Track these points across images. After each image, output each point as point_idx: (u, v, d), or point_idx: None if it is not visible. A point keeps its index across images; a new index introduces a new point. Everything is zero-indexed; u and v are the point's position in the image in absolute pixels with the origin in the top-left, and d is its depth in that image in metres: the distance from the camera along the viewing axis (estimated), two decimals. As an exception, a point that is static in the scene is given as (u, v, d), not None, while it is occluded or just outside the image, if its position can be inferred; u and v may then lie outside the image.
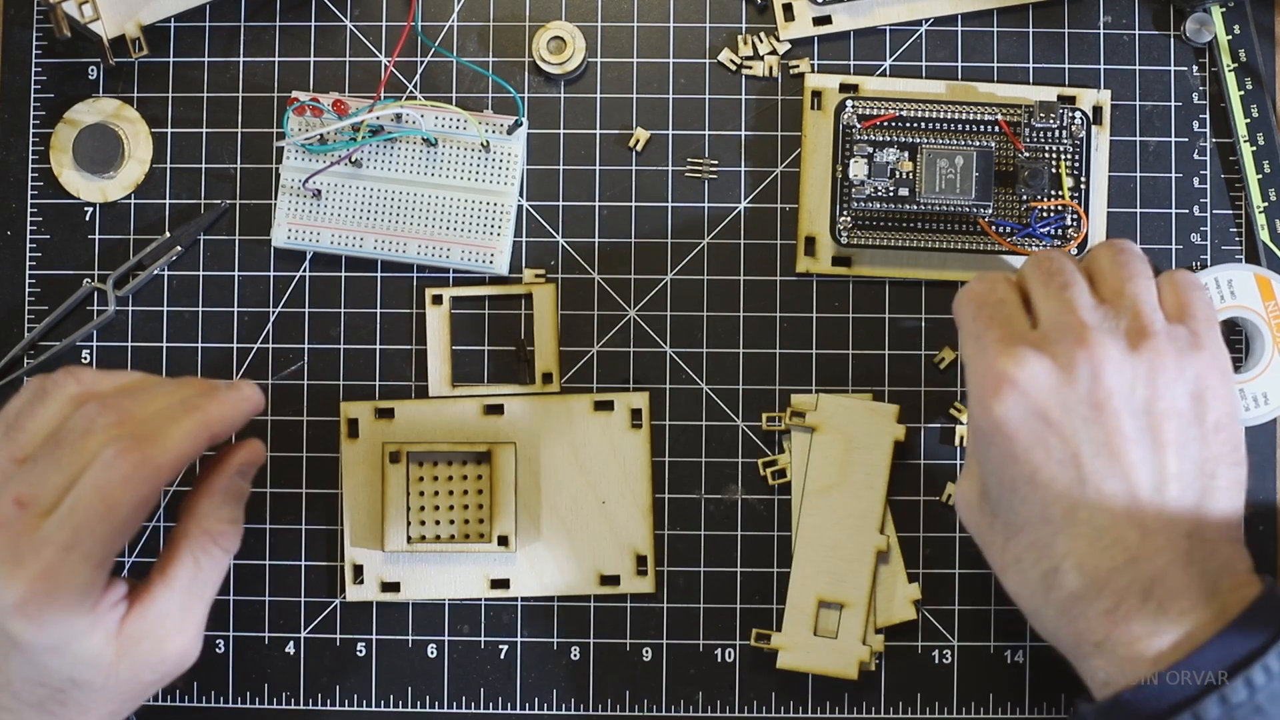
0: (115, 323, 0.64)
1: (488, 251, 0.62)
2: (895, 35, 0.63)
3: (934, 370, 0.63)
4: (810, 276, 0.63)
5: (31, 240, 0.64)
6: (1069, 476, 0.49)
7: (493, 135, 0.62)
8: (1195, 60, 0.63)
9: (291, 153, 0.62)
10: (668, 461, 0.63)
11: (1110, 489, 0.49)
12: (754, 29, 0.64)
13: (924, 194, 0.60)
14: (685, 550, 0.62)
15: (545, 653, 0.63)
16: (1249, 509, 0.62)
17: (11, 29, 0.64)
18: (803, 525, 0.61)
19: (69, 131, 0.63)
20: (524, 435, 0.62)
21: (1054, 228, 0.60)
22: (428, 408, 0.62)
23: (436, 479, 0.62)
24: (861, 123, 0.61)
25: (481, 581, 0.62)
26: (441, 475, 0.62)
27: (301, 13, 0.64)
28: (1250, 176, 0.62)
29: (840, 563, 0.61)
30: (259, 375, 0.63)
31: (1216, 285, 0.60)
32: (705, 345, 0.63)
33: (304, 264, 0.63)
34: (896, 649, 0.62)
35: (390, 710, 0.63)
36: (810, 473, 0.61)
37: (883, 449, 0.61)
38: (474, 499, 0.62)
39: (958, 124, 0.61)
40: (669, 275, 0.63)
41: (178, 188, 0.64)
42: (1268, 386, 0.60)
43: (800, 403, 0.62)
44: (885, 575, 0.62)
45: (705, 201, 0.63)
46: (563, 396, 0.63)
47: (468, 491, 0.62)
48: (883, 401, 0.62)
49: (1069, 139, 0.60)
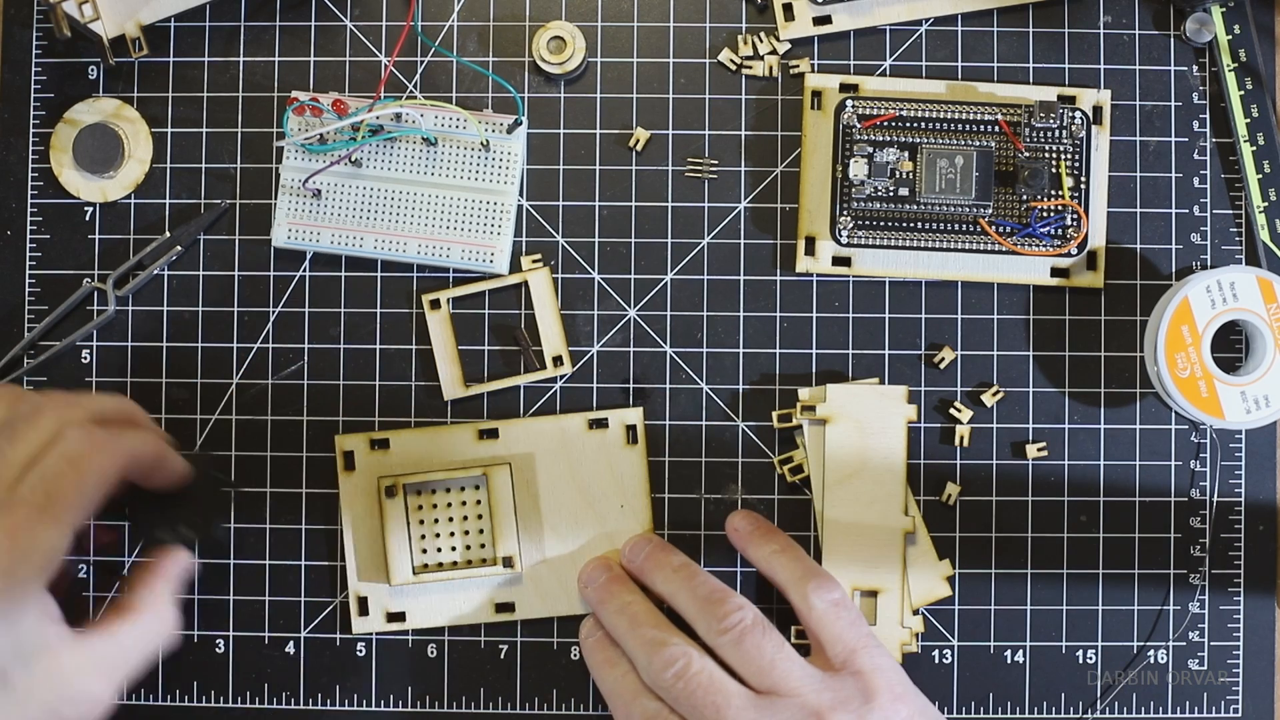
0: (115, 323, 0.64)
1: (488, 251, 0.62)
2: (895, 35, 0.63)
3: (934, 370, 0.63)
4: (810, 276, 0.63)
5: (31, 240, 0.64)
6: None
7: (492, 135, 0.62)
8: (1195, 60, 0.63)
9: (291, 152, 0.62)
10: (668, 461, 0.63)
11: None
12: (754, 29, 0.64)
13: (924, 194, 0.60)
14: (685, 550, 0.62)
15: (545, 653, 0.63)
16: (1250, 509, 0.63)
17: (11, 29, 0.64)
18: (827, 518, 0.61)
19: (69, 131, 0.63)
20: (520, 458, 0.62)
21: (1054, 227, 0.60)
22: (423, 436, 0.62)
23: (435, 506, 0.62)
24: (861, 122, 0.61)
25: (487, 607, 0.62)
26: (440, 503, 0.62)
27: (301, 13, 0.64)
28: (1250, 176, 0.62)
29: (869, 550, 0.61)
30: (259, 375, 0.63)
31: (1218, 287, 0.60)
32: (705, 345, 0.63)
33: (304, 264, 0.63)
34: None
35: (390, 710, 0.63)
36: (828, 464, 0.61)
37: (897, 430, 0.61)
38: (474, 524, 0.62)
39: (958, 124, 0.61)
40: (669, 275, 0.63)
41: (178, 188, 0.64)
42: (1269, 389, 0.60)
43: (809, 396, 0.62)
44: (914, 555, 0.62)
45: (705, 201, 0.63)
46: (557, 417, 0.62)
47: (467, 517, 0.62)
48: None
49: (1069, 139, 0.60)
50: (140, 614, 0.55)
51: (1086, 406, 0.63)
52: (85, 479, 0.51)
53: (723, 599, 0.57)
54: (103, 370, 0.63)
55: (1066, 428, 0.63)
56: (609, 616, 0.59)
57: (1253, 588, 0.62)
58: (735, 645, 0.56)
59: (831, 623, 0.57)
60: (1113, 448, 0.63)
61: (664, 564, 0.59)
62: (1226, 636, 0.62)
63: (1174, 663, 0.62)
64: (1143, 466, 0.63)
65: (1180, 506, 0.63)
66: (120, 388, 0.63)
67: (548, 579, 0.62)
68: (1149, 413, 0.63)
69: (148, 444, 0.55)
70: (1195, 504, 0.63)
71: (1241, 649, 0.62)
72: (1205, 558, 0.62)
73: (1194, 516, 0.63)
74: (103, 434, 0.52)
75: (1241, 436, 0.63)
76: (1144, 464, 0.63)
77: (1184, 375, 0.60)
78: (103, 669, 0.52)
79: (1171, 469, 0.63)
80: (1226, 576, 0.62)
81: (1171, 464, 0.63)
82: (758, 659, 0.55)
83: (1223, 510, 0.63)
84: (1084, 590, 0.62)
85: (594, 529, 0.62)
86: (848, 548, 0.61)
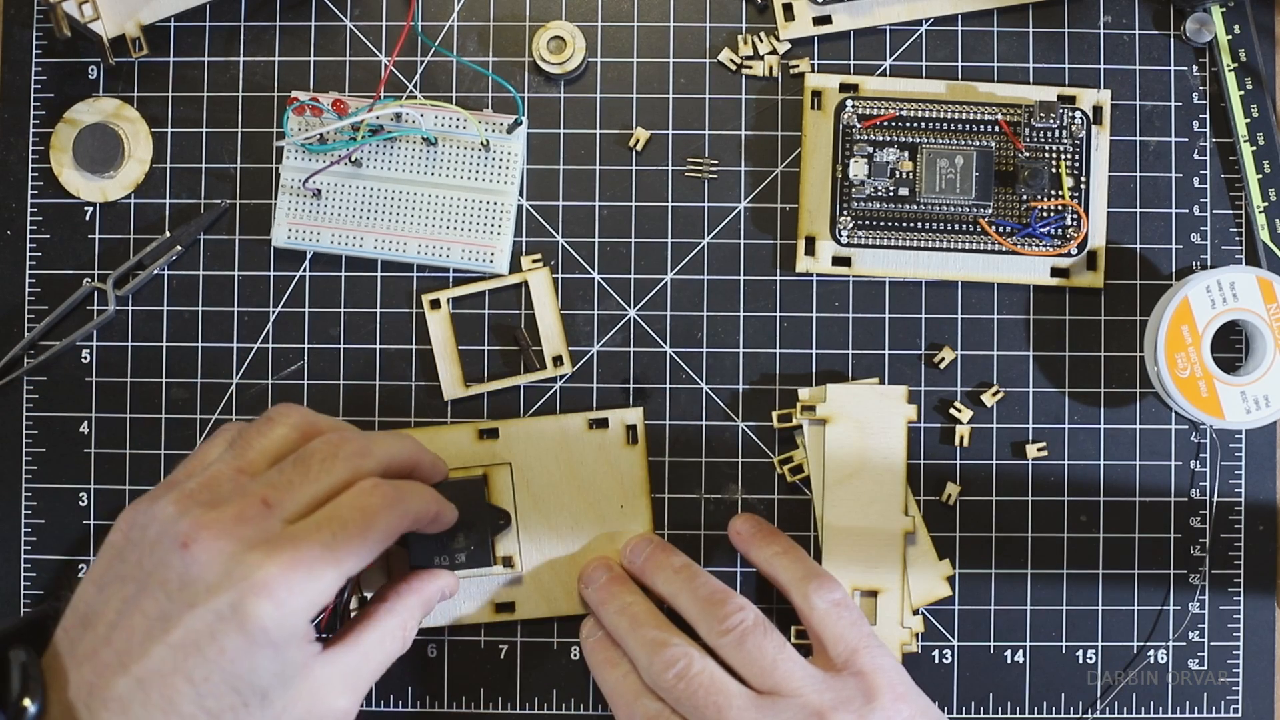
0: (115, 323, 0.64)
1: (488, 251, 0.62)
2: (895, 35, 0.63)
3: (934, 370, 0.63)
4: (810, 276, 0.63)
5: (31, 240, 0.64)
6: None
7: (492, 134, 0.62)
8: (1195, 60, 0.63)
9: (291, 152, 0.62)
10: (668, 461, 0.63)
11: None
12: (754, 29, 0.64)
13: (924, 194, 0.60)
14: (685, 551, 0.62)
15: (545, 653, 0.63)
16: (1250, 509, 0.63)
17: (11, 29, 0.64)
18: (827, 518, 0.61)
19: (69, 131, 0.63)
20: (520, 458, 0.62)
21: (1054, 227, 0.60)
22: (423, 436, 0.62)
23: None
24: (861, 122, 0.61)
25: (487, 607, 0.62)
26: None
27: (301, 12, 0.64)
28: (1250, 176, 0.62)
29: (869, 550, 0.61)
30: (259, 375, 0.63)
31: (1218, 287, 0.60)
32: (705, 345, 0.63)
33: (304, 264, 0.63)
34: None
35: (390, 710, 0.63)
36: (828, 464, 0.61)
37: (897, 430, 0.61)
38: None
39: (958, 124, 0.61)
40: (669, 275, 0.63)
41: (178, 188, 0.64)
42: (1269, 389, 0.60)
43: (809, 396, 0.62)
44: (914, 556, 0.62)
45: (705, 201, 0.63)
46: (557, 417, 0.62)
47: None
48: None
49: (1069, 139, 0.60)
50: (379, 624, 0.55)
51: (1086, 406, 0.63)
52: (371, 532, 0.51)
53: (724, 600, 0.57)
54: (103, 370, 0.63)
55: (1066, 428, 0.63)
56: (610, 617, 0.59)
57: (1253, 588, 0.62)
58: (737, 646, 0.56)
59: (833, 623, 0.57)
60: (1113, 448, 0.63)
61: (665, 565, 0.59)
62: (1226, 636, 0.62)
63: (1174, 663, 0.62)
64: (1143, 466, 0.63)
65: (1180, 506, 0.63)
66: (120, 388, 0.63)
67: (548, 579, 0.62)
68: (1149, 413, 0.63)
69: (429, 505, 0.55)
70: (1195, 504, 0.63)
71: (1241, 649, 0.62)
72: (1205, 558, 0.62)
73: (1194, 516, 0.63)
74: (394, 492, 0.52)
75: (1241, 436, 0.63)
76: (1144, 464, 0.63)
77: (1184, 375, 0.60)
78: (349, 682, 0.52)
79: (1171, 469, 0.63)
80: (1226, 576, 0.63)
81: (1171, 464, 0.63)
82: (759, 659, 0.55)
83: (1223, 510, 0.63)
84: (1084, 590, 0.62)
85: (594, 529, 0.62)
86: (848, 548, 0.61)
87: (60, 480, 0.63)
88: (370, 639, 0.54)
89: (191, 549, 0.48)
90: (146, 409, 0.63)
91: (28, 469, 0.63)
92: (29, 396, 0.63)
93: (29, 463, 0.63)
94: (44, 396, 0.63)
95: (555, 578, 0.62)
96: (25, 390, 0.64)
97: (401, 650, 0.55)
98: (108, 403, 0.63)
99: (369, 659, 0.54)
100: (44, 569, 0.63)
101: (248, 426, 0.54)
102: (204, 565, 0.48)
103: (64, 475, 0.63)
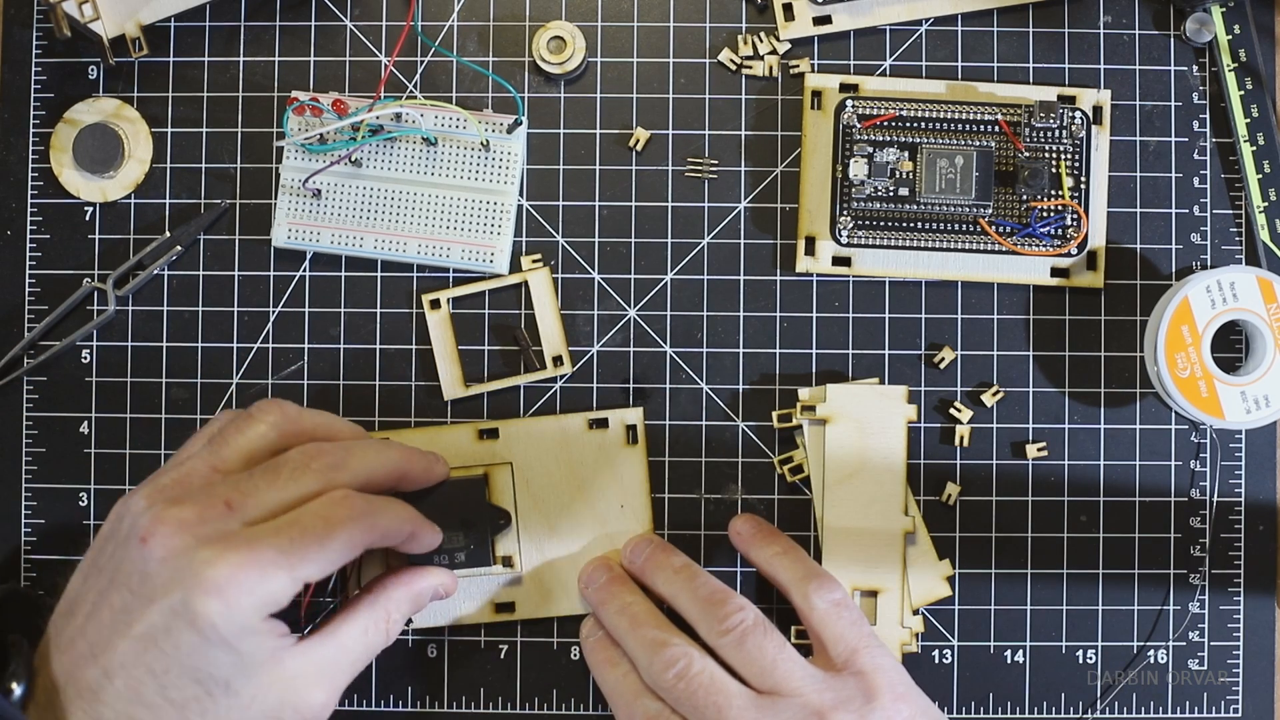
0: (115, 323, 0.64)
1: (487, 251, 0.62)
2: (895, 35, 0.63)
3: (934, 370, 0.63)
4: (810, 276, 0.63)
5: (31, 240, 0.64)
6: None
7: (492, 134, 0.62)
8: (1195, 60, 0.63)
9: (291, 152, 0.62)
10: (668, 461, 0.63)
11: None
12: (754, 29, 0.64)
13: (924, 194, 0.60)
14: (685, 551, 0.62)
15: (545, 653, 0.63)
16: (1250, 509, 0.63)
17: (11, 29, 0.64)
18: (827, 518, 0.61)
19: (69, 131, 0.63)
20: (520, 458, 0.62)
21: (1054, 227, 0.60)
22: (423, 436, 0.62)
23: None
24: (861, 122, 0.61)
25: (487, 607, 0.62)
26: None
27: (301, 12, 0.64)
28: (1250, 176, 0.62)
29: (869, 550, 0.61)
30: (259, 375, 0.63)
31: (1218, 287, 0.60)
32: (705, 345, 0.63)
33: (304, 264, 0.63)
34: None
35: (390, 710, 0.63)
36: (828, 464, 0.61)
37: (897, 430, 0.61)
38: None
39: (958, 124, 0.61)
40: (669, 275, 0.63)
41: (178, 188, 0.64)
42: (1269, 389, 0.60)
43: (809, 396, 0.62)
44: (914, 555, 0.62)
45: (705, 201, 0.63)
46: (557, 417, 0.62)
47: None
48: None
49: (1069, 139, 0.60)
50: (360, 616, 0.55)
51: (1086, 406, 0.63)
52: (331, 542, 0.51)
53: (724, 600, 0.57)
54: (103, 370, 0.63)
55: (1066, 428, 0.63)
56: (610, 617, 0.59)
57: (1253, 588, 0.62)
58: (737, 646, 0.56)
59: (833, 623, 0.57)
60: (1113, 448, 0.63)
61: (665, 565, 0.59)
62: (1226, 636, 0.62)
63: (1174, 663, 0.62)
64: (1143, 466, 0.63)
65: (1180, 506, 0.63)
66: (120, 388, 0.63)
67: (548, 579, 0.62)
68: (1149, 413, 0.63)
69: (402, 524, 0.55)
70: (1195, 504, 0.63)
71: (1241, 649, 0.62)
72: (1205, 558, 0.62)
73: (1194, 516, 0.63)
74: (364, 505, 0.53)
75: (1241, 436, 0.63)
76: (1144, 464, 0.63)
77: (1184, 375, 0.60)
78: (325, 674, 0.53)
79: (1171, 469, 0.63)
80: (1226, 576, 0.63)
81: (1171, 464, 0.63)
82: (759, 659, 0.55)
83: (1223, 510, 0.63)
84: (1084, 590, 0.62)
85: (594, 529, 0.62)
86: (848, 548, 0.61)
87: (60, 480, 0.63)
88: (349, 631, 0.54)
89: (149, 544, 0.49)
90: (146, 409, 0.63)
91: (28, 469, 0.63)
92: (29, 396, 0.64)
93: (29, 463, 0.63)
94: (44, 396, 0.63)
95: (555, 578, 0.62)
96: (25, 390, 0.64)
97: (384, 644, 0.55)
98: (108, 403, 0.63)
99: (347, 651, 0.54)
100: (44, 569, 0.63)
101: (229, 423, 0.54)
102: (159, 561, 0.49)
103: (64, 475, 0.63)
